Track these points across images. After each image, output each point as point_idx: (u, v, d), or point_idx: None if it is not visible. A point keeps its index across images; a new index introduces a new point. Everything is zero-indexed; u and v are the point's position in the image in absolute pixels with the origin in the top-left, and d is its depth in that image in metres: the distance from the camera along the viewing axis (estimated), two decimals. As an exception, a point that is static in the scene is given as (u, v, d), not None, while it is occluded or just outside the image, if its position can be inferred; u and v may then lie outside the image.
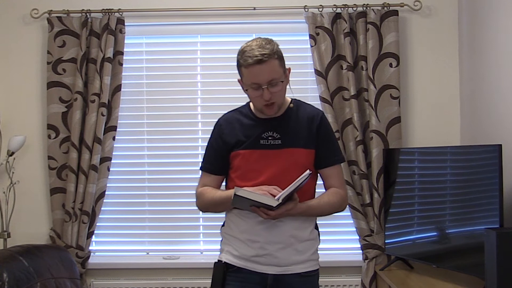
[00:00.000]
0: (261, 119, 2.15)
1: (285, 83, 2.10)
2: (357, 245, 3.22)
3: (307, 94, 3.28)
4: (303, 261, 2.12)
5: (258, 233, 2.08)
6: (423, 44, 3.30)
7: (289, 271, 2.10)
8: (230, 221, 2.19)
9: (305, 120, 2.15)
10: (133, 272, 3.31)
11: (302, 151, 2.11)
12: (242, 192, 1.91)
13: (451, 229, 2.75)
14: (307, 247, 2.14)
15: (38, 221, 3.33)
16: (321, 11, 3.20)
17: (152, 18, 3.33)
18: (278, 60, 2.04)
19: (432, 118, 3.30)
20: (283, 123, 2.14)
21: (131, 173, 3.40)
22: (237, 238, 2.14)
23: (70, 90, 3.25)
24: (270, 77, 2.02)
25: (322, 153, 2.15)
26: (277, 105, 2.10)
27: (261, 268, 2.10)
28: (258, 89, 2.03)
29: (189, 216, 3.39)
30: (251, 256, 2.10)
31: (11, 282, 2.53)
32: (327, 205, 2.13)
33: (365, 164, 3.15)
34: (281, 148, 2.10)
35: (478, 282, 2.51)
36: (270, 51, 2.01)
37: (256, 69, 2.00)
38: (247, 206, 2.00)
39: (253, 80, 2.03)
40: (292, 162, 2.09)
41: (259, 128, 2.13)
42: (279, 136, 2.11)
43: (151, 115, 3.39)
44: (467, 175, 2.63)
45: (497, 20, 2.73)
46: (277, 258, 2.08)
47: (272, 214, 1.96)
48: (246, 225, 2.11)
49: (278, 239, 2.08)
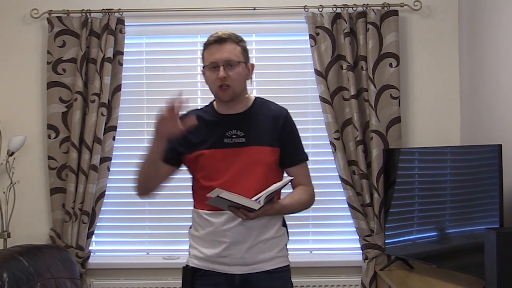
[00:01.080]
0: (224, 116, 2.13)
1: (244, 72, 2.09)
2: (357, 245, 3.22)
3: (307, 94, 3.28)
4: (269, 259, 2.10)
5: (223, 234, 2.06)
6: (423, 44, 3.30)
7: (255, 270, 2.07)
8: (196, 223, 2.18)
9: (269, 118, 2.13)
10: (133, 272, 3.31)
11: (267, 149, 2.09)
12: (225, 194, 1.88)
13: (451, 229, 2.75)
14: (273, 245, 2.11)
15: (38, 221, 3.33)
16: (321, 11, 3.20)
17: (152, 18, 3.33)
18: (241, 48, 2.07)
19: (432, 118, 3.30)
20: (247, 120, 2.11)
21: (131, 173, 3.35)
22: (203, 239, 2.12)
23: (70, 90, 3.25)
24: (228, 56, 2.03)
25: (288, 152, 2.14)
26: (233, 91, 2.06)
27: (227, 269, 2.08)
28: (215, 70, 2.04)
29: (189, 216, 3.37)
30: (217, 256, 2.07)
31: (11, 282, 2.53)
32: (298, 203, 2.13)
33: (365, 164, 3.15)
34: (245, 146, 2.08)
35: (478, 282, 2.51)
36: (233, 36, 2.05)
37: (214, 47, 2.04)
38: (225, 206, 1.98)
39: (210, 59, 2.04)
40: (256, 160, 2.07)
41: (222, 126, 2.10)
42: (243, 134, 2.08)
43: (151, 115, 3.36)
44: (467, 175, 2.63)
45: (497, 20, 2.73)
46: (243, 258, 2.06)
47: (252, 216, 1.95)
48: (212, 227, 2.09)
49: (245, 238, 2.06)
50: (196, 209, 2.18)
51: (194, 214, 2.20)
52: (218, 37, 2.04)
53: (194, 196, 2.22)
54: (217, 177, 2.07)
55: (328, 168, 3.25)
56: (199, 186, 2.13)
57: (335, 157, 3.16)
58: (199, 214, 2.14)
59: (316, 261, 3.28)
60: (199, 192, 2.13)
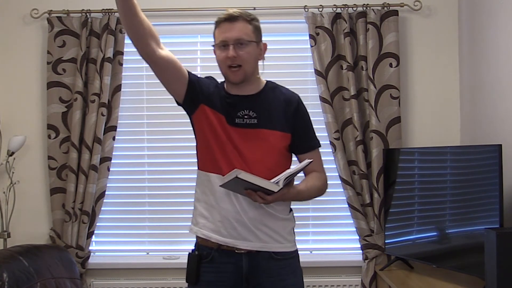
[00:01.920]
0: (235, 96, 2.07)
1: (256, 52, 2.04)
2: (357, 245, 3.22)
3: (307, 94, 3.27)
4: (278, 240, 2.06)
5: (233, 203, 2.00)
6: (423, 44, 3.31)
7: (264, 248, 2.03)
8: (205, 187, 2.08)
9: (282, 103, 2.09)
10: (133, 272, 3.31)
11: (278, 134, 2.05)
12: (243, 175, 1.81)
13: (451, 229, 2.75)
14: (283, 225, 2.08)
15: (38, 221, 3.33)
16: (321, 11, 3.20)
17: (152, 18, 3.26)
18: (252, 27, 2.02)
19: (432, 118, 3.30)
20: (259, 102, 2.07)
21: (131, 173, 3.40)
22: (212, 205, 2.04)
23: (70, 90, 3.25)
24: (238, 35, 1.98)
25: (301, 138, 2.11)
26: (243, 72, 2.01)
27: (236, 243, 2.01)
28: (226, 49, 1.99)
29: (189, 216, 3.36)
30: (227, 225, 2.01)
31: (11, 282, 2.52)
32: (312, 188, 2.10)
33: (365, 164, 3.15)
34: (257, 128, 2.04)
35: (478, 282, 2.51)
36: (245, 15, 2.01)
37: (226, 25, 1.99)
38: (241, 190, 1.92)
39: (221, 37, 1.99)
40: (267, 144, 2.04)
41: (235, 106, 2.05)
42: (255, 115, 2.04)
43: (151, 115, 3.39)
44: (467, 175, 2.63)
45: (497, 20, 2.73)
46: (251, 232, 2.00)
47: (269, 199, 1.92)
48: (221, 194, 2.01)
49: (254, 210, 2.00)
50: (206, 172, 2.06)
51: (201, 177, 2.09)
52: (229, 15, 1.99)
53: (204, 155, 2.10)
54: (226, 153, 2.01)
55: (328, 168, 3.16)
56: (218, 147, 2.03)
57: (335, 157, 3.16)
58: (209, 178, 2.04)
59: (316, 261, 3.28)
60: (215, 152, 2.03)
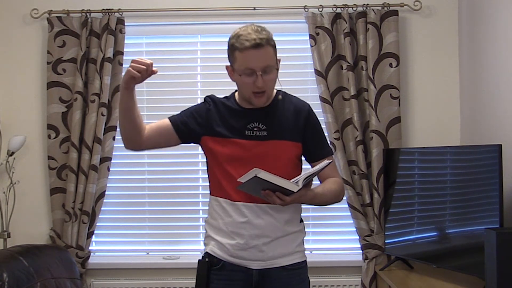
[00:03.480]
0: (247, 109, 2.09)
1: (277, 73, 2.05)
2: (357, 245, 3.22)
3: (307, 94, 3.27)
4: (289, 254, 2.08)
5: (243, 226, 2.03)
6: (423, 44, 3.30)
7: (274, 265, 2.06)
8: (214, 212, 2.11)
9: (291, 112, 2.10)
10: (133, 272, 3.31)
11: (288, 144, 2.07)
12: (263, 174, 1.79)
13: (451, 229, 2.75)
14: (293, 239, 2.10)
15: (38, 221, 3.33)
16: (321, 11, 3.20)
17: (152, 18, 3.33)
18: (273, 48, 2.01)
19: (432, 118, 3.30)
20: (270, 114, 2.08)
21: (131, 173, 3.40)
22: (221, 229, 2.07)
23: (70, 90, 3.25)
24: (265, 63, 1.96)
25: (313, 146, 2.12)
26: (267, 96, 2.04)
27: (245, 263, 2.04)
28: (251, 75, 1.97)
29: (189, 216, 3.39)
30: (236, 249, 2.04)
31: (11, 282, 2.52)
32: (330, 192, 2.09)
33: (365, 164, 3.15)
34: (267, 140, 2.05)
35: (478, 282, 2.51)
36: (267, 37, 1.97)
37: (252, 53, 1.94)
38: (258, 190, 1.91)
39: (248, 65, 1.96)
40: (277, 154, 2.05)
41: (244, 118, 2.07)
42: (265, 127, 2.06)
43: (151, 115, 3.38)
44: (467, 175, 2.63)
45: (497, 20, 2.73)
46: (263, 252, 2.03)
47: (288, 200, 1.91)
48: (230, 219, 2.05)
49: (264, 233, 2.03)
50: (215, 197, 2.10)
51: (212, 202, 2.13)
52: (255, 43, 1.93)
53: (211, 181, 2.14)
54: (236, 166, 2.02)
55: (328, 168, 3.24)
56: (222, 172, 2.06)
57: (335, 157, 3.15)
58: (219, 203, 2.08)
59: (316, 261, 3.26)
60: (220, 178, 2.07)
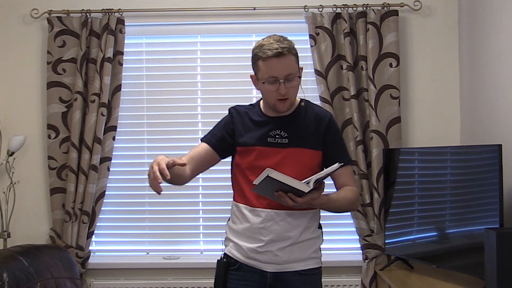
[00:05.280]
0: (270, 117, 2.17)
1: (299, 80, 2.12)
2: (357, 245, 3.23)
3: (307, 94, 3.22)
4: (303, 259, 2.13)
5: (261, 232, 2.09)
6: (423, 44, 3.30)
7: (288, 269, 2.11)
8: (234, 216, 2.20)
9: (312, 121, 2.16)
10: (133, 272, 3.31)
11: (308, 152, 2.12)
12: (275, 174, 1.83)
13: (451, 229, 2.75)
14: (309, 246, 2.15)
15: (38, 221, 3.33)
16: (321, 11, 3.20)
17: (152, 18, 3.33)
18: (295, 57, 2.07)
19: (432, 118, 3.30)
20: (292, 122, 2.15)
21: (131, 173, 3.40)
22: (240, 233, 2.15)
23: (70, 90, 3.25)
24: (287, 71, 2.03)
25: (333, 155, 2.15)
26: (290, 102, 2.10)
27: (260, 266, 2.11)
28: (275, 83, 2.04)
29: (189, 216, 3.39)
30: (253, 252, 2.11)
31: (11, 282, 2.53)
32: (344, 199, 2.12)
33: (365, 164, 3.15)
34: (288, 147, 2.11)
35: (478, 282, 2.51)
36: (289, 46, 2.04)
37: (274, 61, 2.01)
38: (271, 192, 1.94)
39: (270, 74, 2.03)
40: (298, 162, 2.10)
41: (267, 126, 2.15)
42: (287, 135, 2.12)
43: (151, 115, 3.39)
44: (467, 175, 2.63)
45: (497, 20, 2.73)
46: (277, 256, 2.09)
47: (299, 201, 1.94)
48: (248, 224, 2.12)
49: (282, 238, 2.09)
50: (236, 202, 2.19)
51: (233, 207, 2.21)
52: (277, 52, 2.00)
53: (234, 188, 2.23)
54: (258, 173, 2.04)
55: (328, 168, 3.24)
56: (244, 179, 2.14)
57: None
58: (239, 208, 2.16)
59: (316, 261, 3.28)
60: (242, 185, 2.15)
